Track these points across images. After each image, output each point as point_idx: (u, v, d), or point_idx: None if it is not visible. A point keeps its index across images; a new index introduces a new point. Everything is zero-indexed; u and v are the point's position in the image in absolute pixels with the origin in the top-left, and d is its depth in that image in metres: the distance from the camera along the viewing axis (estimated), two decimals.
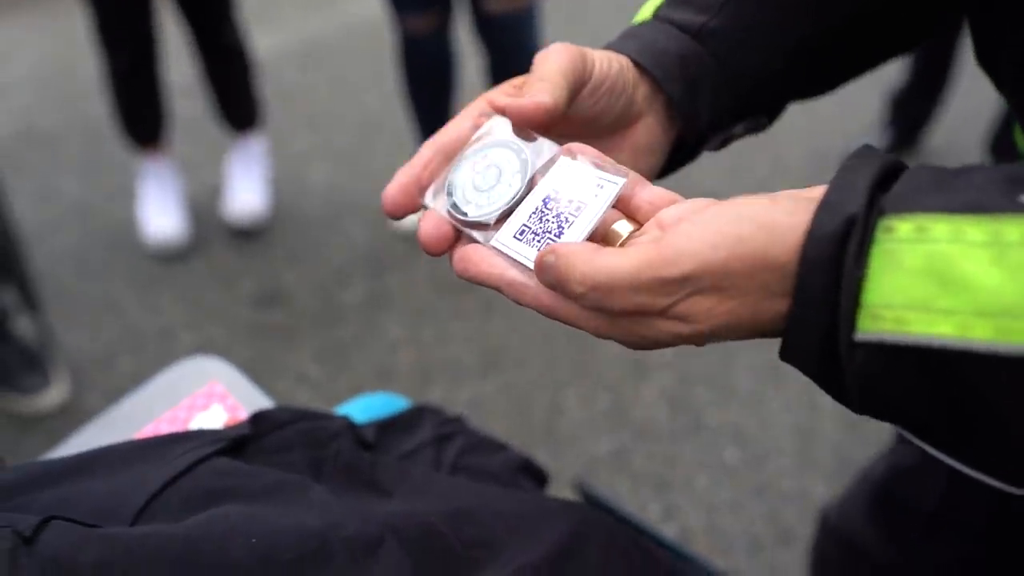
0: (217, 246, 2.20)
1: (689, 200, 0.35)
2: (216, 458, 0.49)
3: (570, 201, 0.36)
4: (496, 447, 0.67)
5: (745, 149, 0.99)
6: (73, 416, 1.69)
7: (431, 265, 2.07)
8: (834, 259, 0.29)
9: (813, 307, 0.29)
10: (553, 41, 0.44)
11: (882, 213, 0.28)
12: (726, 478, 1.56)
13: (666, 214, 0.35)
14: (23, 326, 1.72)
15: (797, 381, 1.72)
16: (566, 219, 0.35)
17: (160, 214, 2.17)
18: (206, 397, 0.65)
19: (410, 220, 1.97)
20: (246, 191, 2.22)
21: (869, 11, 0.48)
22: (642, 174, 0.38)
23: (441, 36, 1.99)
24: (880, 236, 0.28)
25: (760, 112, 0.52)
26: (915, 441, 0.33)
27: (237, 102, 2.25)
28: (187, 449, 0.49)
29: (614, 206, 0.36)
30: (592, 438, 1.65)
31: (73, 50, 2.95)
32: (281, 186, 2.36)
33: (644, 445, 1.63)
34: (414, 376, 1.82)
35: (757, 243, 0.30)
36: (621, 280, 0.31)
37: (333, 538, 0.42)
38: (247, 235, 2.20)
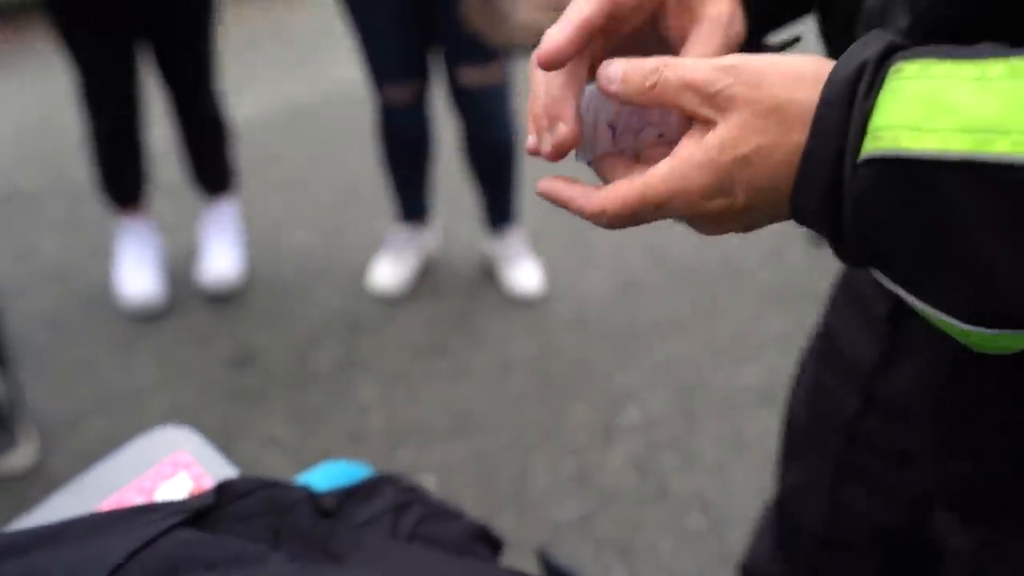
0: (192, 307, 2.22)
1: None
2: (180, 529, 0.51)
3: None
4: (453, 515, 0.70)
5: None
6: (40, 478, 1.69)
7: (404, 328, 2.11)
8: (846, 98, 0.34)
9: (826, 137, 0.35)
10: (524, 112, 0.49)
11: (895, 61, 0.34)
12: (690, 545, 1.58)
13: None
14: None
15: (761, 449, 1.76)
16: None
17: (137, 275, 2.19)
18: (172, 466, 0.68)
19: (382, 283, 1.97)
20: (220, 256, 2.25)
21: None
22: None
23: (419, 107, 2.07)
24: (890, 75, 0.34)
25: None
26: (888, 284, 0.38)
27: (211, 167, 2.32)
28: (151, 520, 0.51)
29: None
30: (558, 503, 1.67)
31: (55, 109, 3.02)
32: (257, 249, 2.40)
33: (609, 510, 1.65)
34: (384, 439, 1.84)
35: (792, 66, 0.37)
36: (682, 61, 0.39)
37: None
38: (223, 298, 2.23)
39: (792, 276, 2.31)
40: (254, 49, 3.75)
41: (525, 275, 2.24)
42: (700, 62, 0.38)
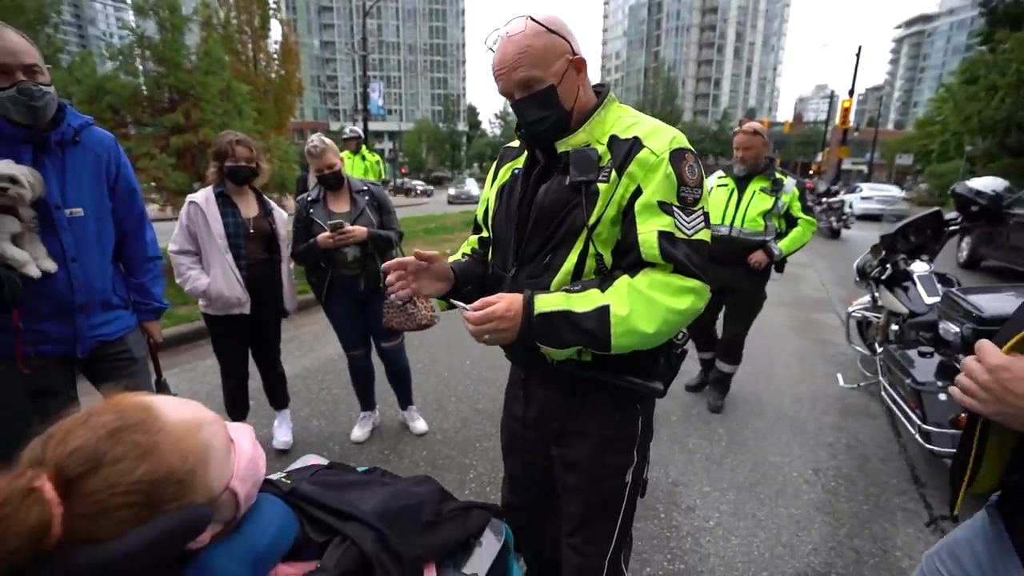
0: (271, 459, 4.66)
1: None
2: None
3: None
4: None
5: None
6: None
7: (370, 449, 4.57)
8: (527, 301, 1.73)
9: (526, 311, 1.72)
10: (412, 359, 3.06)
11: (533, 295, 1.75)
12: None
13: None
14: None
15: None
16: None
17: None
18: None
19: (356, 435, 5.12)
20: (282, 435, 4.70)
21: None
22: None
23: (366, 358, 4.64)
24: (534, 296, 1.73)
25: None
26: (540, 346, 1.79)
27: (277, 395, 4.75)
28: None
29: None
30: None
31: (210, 383, 5.68)
32: (299, 430, 4.92)
33: None
34: None
35: (515, 296, 1.73)
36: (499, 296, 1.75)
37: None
38: (285, 451, 4.60)
39: None
40: (293, 340, 6.61)
41: (420, 424, 4.81)
42: (503, 296, 1.71)
